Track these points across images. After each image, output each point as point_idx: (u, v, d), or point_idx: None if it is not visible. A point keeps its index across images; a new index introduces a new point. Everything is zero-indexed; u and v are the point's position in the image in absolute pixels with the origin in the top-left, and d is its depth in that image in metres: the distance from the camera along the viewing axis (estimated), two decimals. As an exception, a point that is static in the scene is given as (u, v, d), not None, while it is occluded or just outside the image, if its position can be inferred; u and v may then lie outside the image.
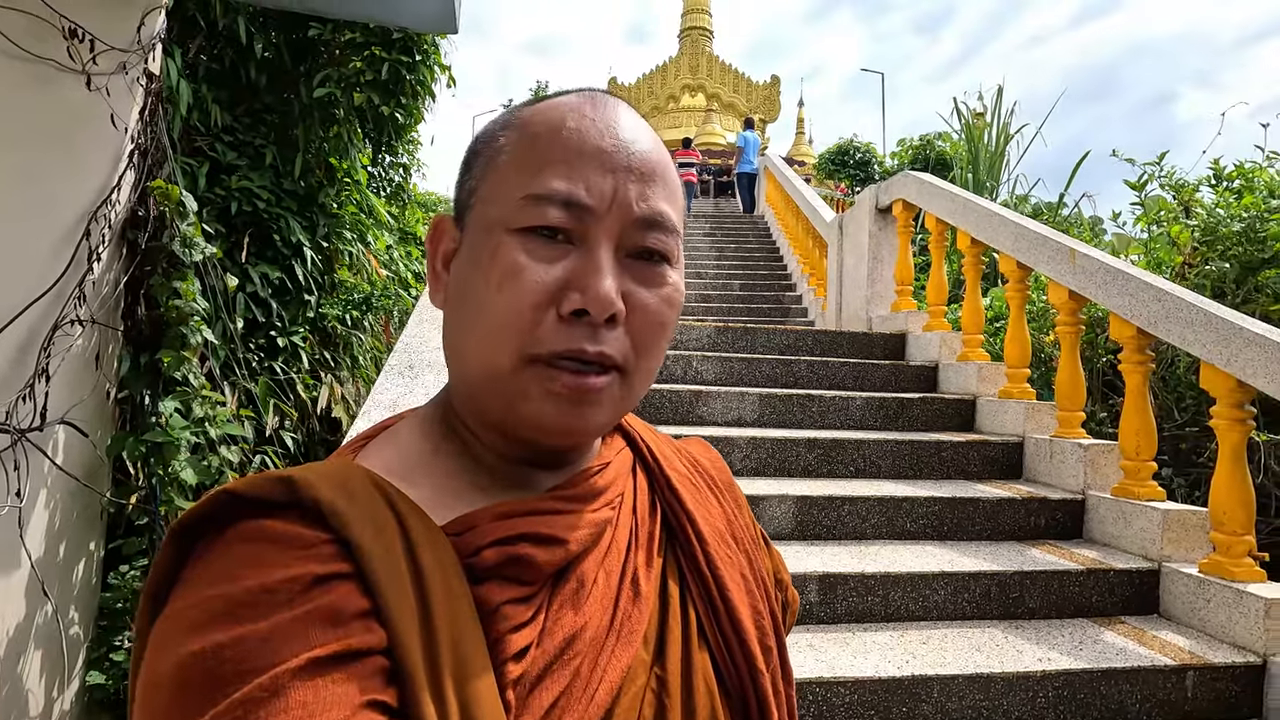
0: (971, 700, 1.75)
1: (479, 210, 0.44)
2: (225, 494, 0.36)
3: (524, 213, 0.42)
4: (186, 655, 0.31)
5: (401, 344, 1.54)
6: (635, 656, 0.43)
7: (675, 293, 0.45)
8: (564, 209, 0.41)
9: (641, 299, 0.43)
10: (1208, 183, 3.79)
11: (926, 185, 3.80)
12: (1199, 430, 3.12)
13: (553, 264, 0.41)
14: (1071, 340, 2.79)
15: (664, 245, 0.44)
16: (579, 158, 0.42)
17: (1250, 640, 1.91)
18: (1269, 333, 1.98)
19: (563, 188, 0.41)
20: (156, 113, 2.42)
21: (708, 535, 0.52)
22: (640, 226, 0.43)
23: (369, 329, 4.54)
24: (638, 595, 0.46)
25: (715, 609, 0.49)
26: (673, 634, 0.46)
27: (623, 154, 0.43)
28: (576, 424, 0.42)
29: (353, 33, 3.94)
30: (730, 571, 0.51)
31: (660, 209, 0.44)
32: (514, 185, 0.43)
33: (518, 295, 0.41)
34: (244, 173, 3.60)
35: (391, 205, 5.72)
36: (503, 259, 0.41)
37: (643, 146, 0.44)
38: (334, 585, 0.34)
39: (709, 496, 0.55)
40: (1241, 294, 3.21)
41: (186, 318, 2.33)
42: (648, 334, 0.44)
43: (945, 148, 9.09)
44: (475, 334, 0.43)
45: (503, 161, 0.44)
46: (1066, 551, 2.34)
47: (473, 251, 0.44)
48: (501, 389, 0.42)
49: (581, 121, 0.43)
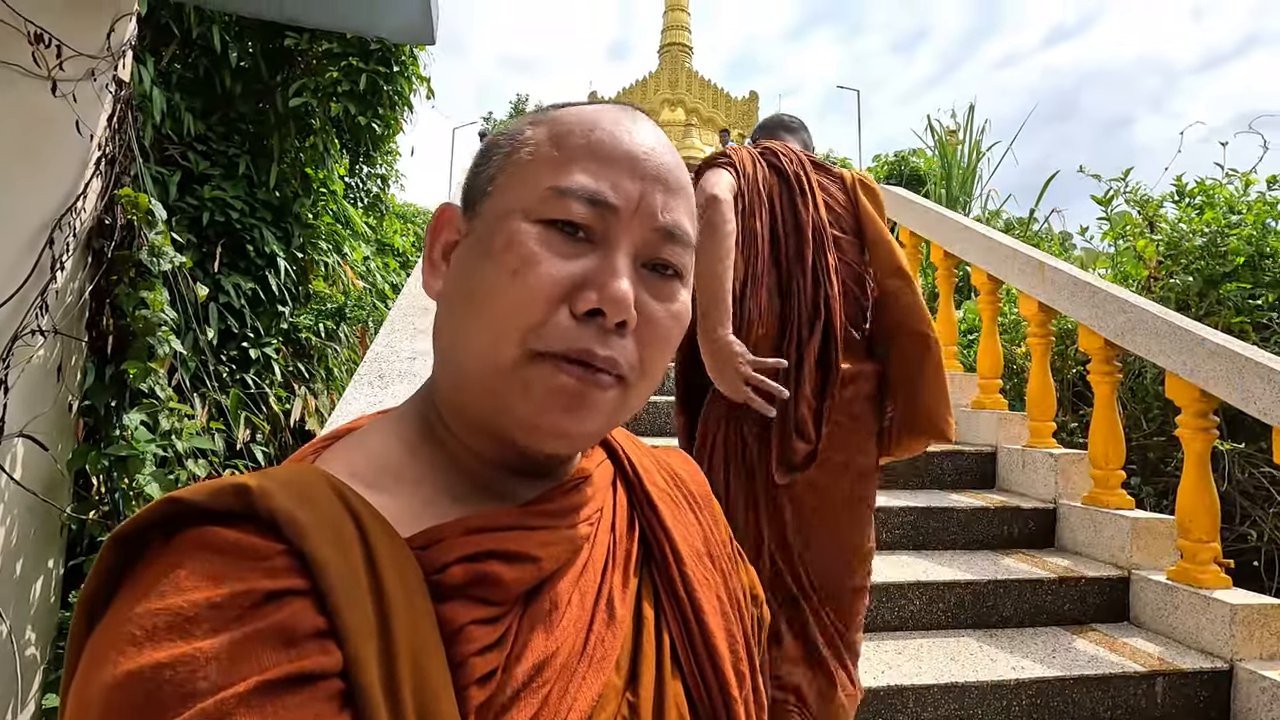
0: (947, 709, 1.75)
1: (496, 199, 0.43)
2: (173, 501, 0.34)
3: (548, 204, 0.41)
4: (123, 674, 0.28)
5: (372, 354, 1.52)
6: (607, 682, 0.41)
7: (684, 310, 0.45)
8: (589, 205, 0.41)
9: (652, 310, 0.42)
10: (1171, 199, 3.90)
11: (900, 199, 3.86)
12: (1166, 439, 3.18)
13: (570, 260, 0.40)
14: (1042, 351, 2.84)
15: (680, 260, 0.44)
16: (610, 158, 0.42)
17: (1217, 646, 1.94)
18: (1229, 344, 2.04)
19: (590, 184, 0.41)
20: (126, 120, 2.38)
21: (685, 555, 0.50)
22: (661, 236, 0.42)
23: (344, 340, 4.49)
24: (612, 618, 0.44)
25: (690, 633, 0.47)
26: (646, 658, 0.44)
27: (653, 163, 0.43)
28: (572, 428, 0.40)
29: (330, 43, 3.93)
30: (706, 594, 0.49)
31: (682, 222, 0.44)
32: (540, 177, 0.42)
33: (532, 285, 0.39)
34: (217, 182, 3.55)
35: (369, 216, 5.68)
36: (520, 247, 0.40)
37: (671, 161, 0.44)
38: (288, 602, 0.31)
39: (688, 513, 0.53)
40: (1205, 306, 3.29)
41: (154, 328, 2.28)
42: (654, 347, 0.42)
43: (920, 164, 9.26)
44: (478, 323, 0.41)
45: (527, 154, 0.43)
46: (1039, 560, 2.37)
47: (484, 240, 0.42)
48: (499, 384, 0.40)
49: (616, 127, 0.43)
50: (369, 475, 0.42)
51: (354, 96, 4.03)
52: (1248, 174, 3.74)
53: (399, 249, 7.55)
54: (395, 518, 0.39)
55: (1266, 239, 3.26)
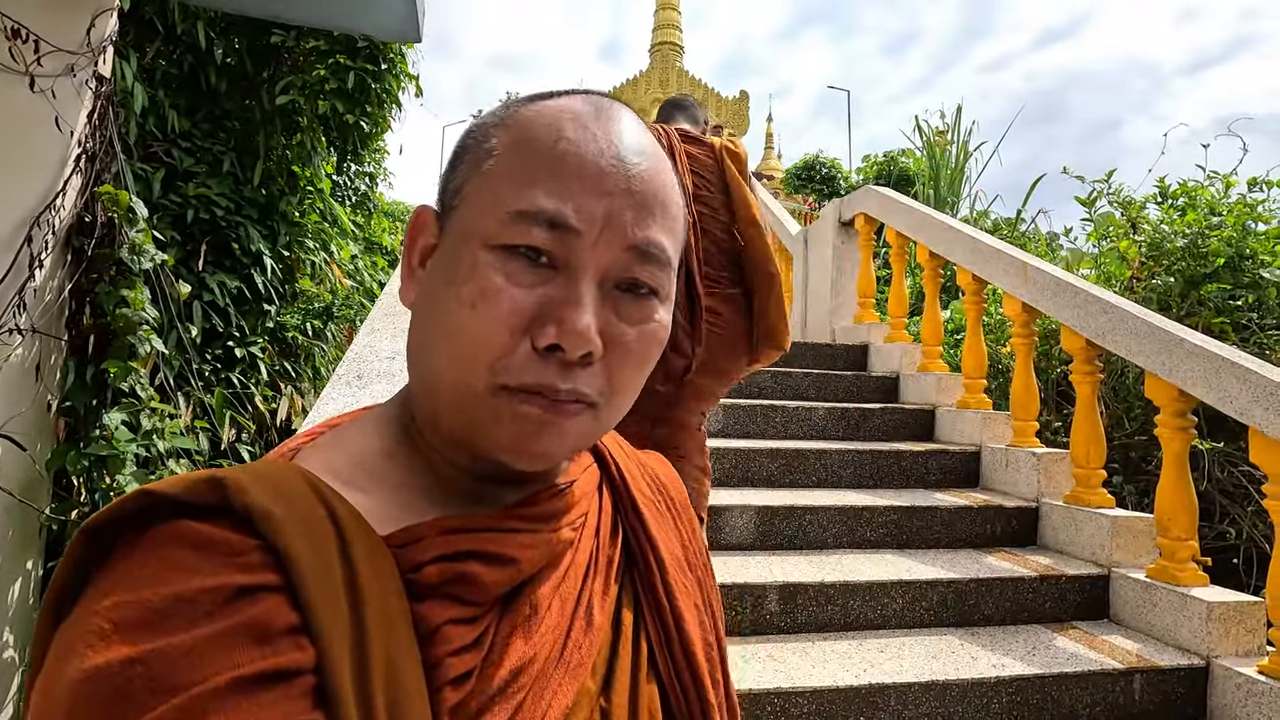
0: (928, 707, 1.76)
1: (460, 214, 0.42)
2: (146, 494, 0.33)
3: (507, 230, 0.39)
4: (92, 669, 0.28)
5: (351, 353, 1.51)
6: (581, 688, 0.41)
7: (661, 329, 0.42)
8: (549, 229, 0.38)
9: (622, 335, 0.40)
10: (1153, 200, 3.94)
11: (887, 200, 3.88)
12: (1147, 439, 3.22)
13: (531, 289, 0.38)
14: (1026, 351, 2.86)
15: (655, 280, 0.41)
16: (573, 175, 0.39)
17: (1194, 643, 1.97)
18: (1206, 344, 2.06)
19: (550, 206, 0.38)
20: (107, 116, 2.35)
21: (668, 563, 0.50)
22: (631, 256, 0.40)
23: (332, 339, 4.47)
24: (590, 625, 0.43)
25: (670, 640, 0.47)
26: (622, 663, 0.44)
27: (622, 175, 0.40)
28: (544, 449, 0.40)
29: (316, 40, 3.90)
30: (686, 602, 0.49)
31: (656, 239, 0.41)
32: (499, 196, 0.39)
33: (492, 319, 0.38)
34: (202, 179, 3.52)
35: (357, 214, 5.64)
36: (479, 278, 0.39)
37: (646, 168, 0.41)
38: (261, 597, 0.31)
39: (668, 519, 0.53)
40: (1186, 307, 3.33)
41: (135, 327, 2.26)
42: (625, 371, 0.41)
43: (908, 164, 9.32)
44: (446, 351, 0.40)
45: (490, 167, 0.41)
46: (1021, 558, 2.39)
47: (449, 262, 0.41)
48: (470, 412, 0.40)
49: (581, 133, 0.40)
50: (347, 473, 0.42)
51: (341, 94, 4.01)
52: (1228, 176, 3.79)
53: (387, 247, 7.52)
54: (372, 516, 0.39)
55: (1246, 241, 3.30)
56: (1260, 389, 1.87)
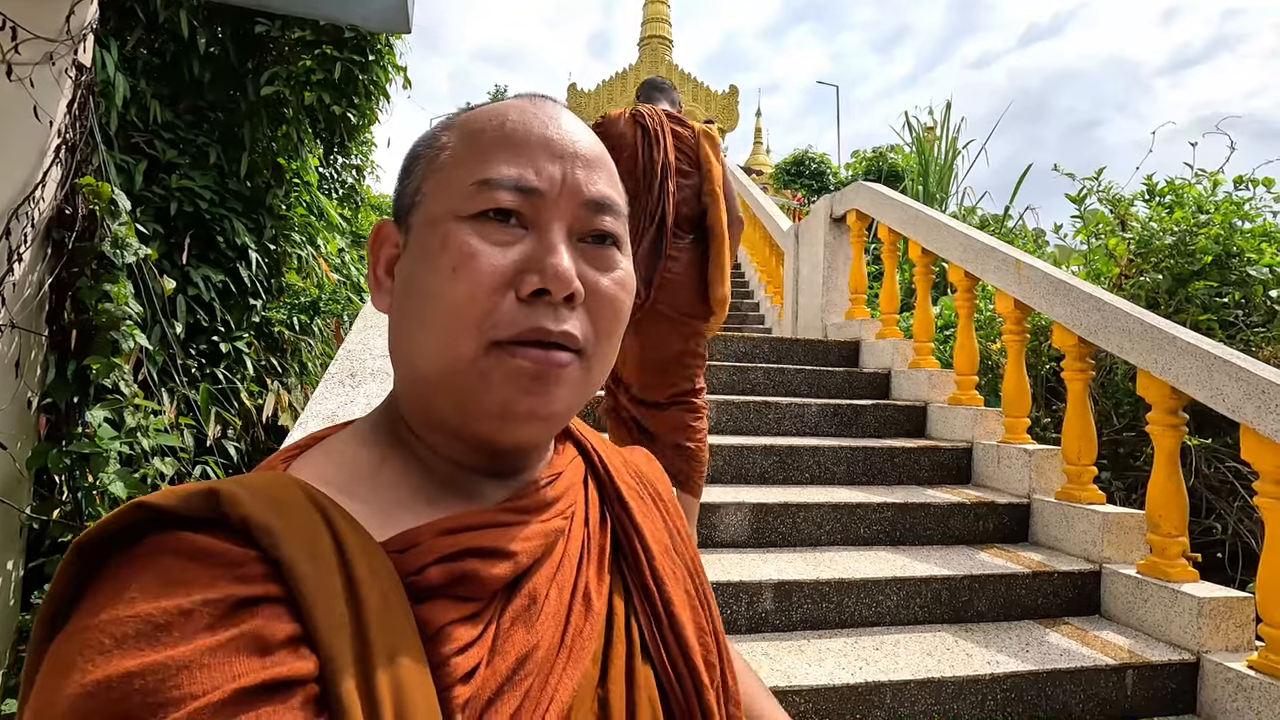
0: (923, 705, 1.76)
1: (425, 206, 0.44)
2: (140, 506, 0.33)
3: (474, 199, 0.41)
4: (91, 683, 0.27)
5: (344, 351, 1.48)
6: (585, 674, 0.42)
7: (627, 277, 0.46)
8: (515, 193, 0.41)
9: (596, 281, 0.43)
10: (1142, 198, 3.97)
11: (880, 196, 3.88)
12: (1135, 435, 3.25)
13: (507, 248, 0.41)
14: (1017, 348, 2.87)
15: (614, 228, 0.45)
16: (526, 145, 0.43)
17: (1185, 639, 1.98)
18: (1199, 342, 2.07)
19: (512, 172, 0.42)
20: (87, 106, 2.29)
21: (655, 550, 0.51)
22: (591, 209, 0.44)
23: (318, 334, 4.41)
24: (589, 611, 0.44)
25: (660, 625, 0.48)
26: (616, 651, 0.45)
27: (568, 141, 0.44)
28: (539, 407, 0.41)
29: (302, 30, 3.84)
30: (675, 588, 0.50)
31: (607, 193, 0.45)
32: (462, 175, 0.42)
33: (474, 280, 0.40)
34: (185, 171, 3.46)
35: (344, 208, 5.57)
36: (455, 245, 0.41)
37: (585, 138, 0.46)
38: (261, 608, 0.31)
39: (654, 510, 0.55)
40: (1173, 304, 3.36)
41: (117, 322, 2.21)
42: (605, 317, 0.44)
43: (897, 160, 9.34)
44: (430, 326, 0.41)
45: (446, 158, 0.44)
46: (1013, 555, 2.40)
47: (421, 247, 0.43)
48: (461, 380, 0.41)
49: (524, 115, 0.44)
50: (341, 482, 0.42)
51: (328, 85, 3.94)
52: (1215, 174, 3.82)
53: (375, 241, 7.44)
54: (369, 523, 0.39)
55: (1233, 238, 3.33)
56: (1252, 387, 1.88)
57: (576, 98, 24.97)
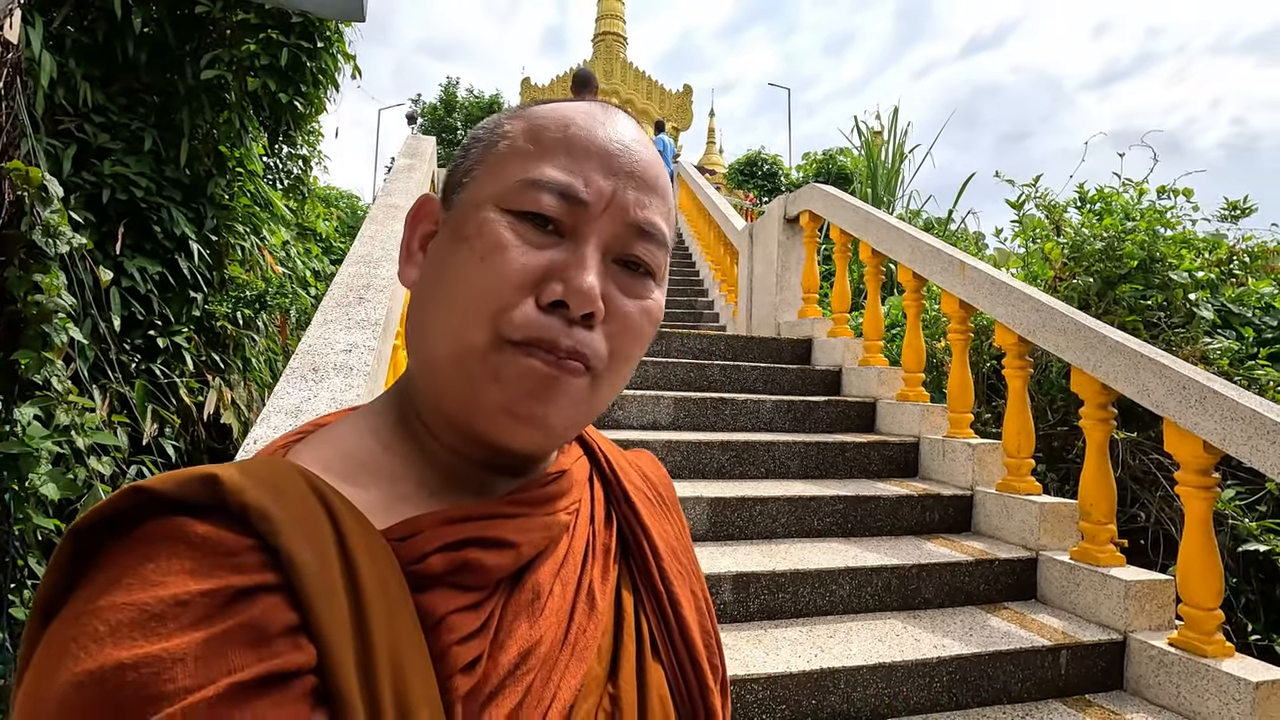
0: (875, 689, 1.83)
1: (472, 189, 0.43)
2: (138, 491, 0.32)
3: (519, 195, 0.41)
4: (84, 673, 0.27)
5: (304, 346, 1.45)
6: (588, 672, 0.42)
7: (656, 308, 0.45)
8: (559, 199, 0.41)
9: (621, 305, 0.42)
10: (1074, 204, 4.18)
11: (832, 198, 3.98)
12: (1068, 429, 3.43)
13: (540, 250, 0.40)
14: (962, 346, 2.99)
15: (653, 258, 0.44)
16: (583, 154, 0.42)
17: (1113, 619, 2.11)
18: (1128, 341, 2.20)
19: (561, 178, 0.41)
20: (14, 86, 2.17)
21: (662, 550, 0.51)
22: (633, 233, 0.43)
23: (263, 329, 4.26)
24: (593, 608, 0.44)
25: (668, 624, 0.48)
26: (626, 649, 0.45)
27: (627, 159, 0.43)
28: (545, 414, 0.40)
29: (246, 13, 3.69)
30: (682, 588, 0.51)
31: (655, 220, 0.44)
32: (513, 169, 0.42)
33: (500, 271, 0.40)
34: (119, 157, 3.29)
35: (290, 199, 5.39)
36: (490, 234, 0.41)
37: (647, 158, 0.44)
38: (259, 598, 0.31)
39: (660, 511, 0.55)
40: (1103, 305, 3.56)
41: (49, 315, 2.10)
42: (623, 342, 0.43)
43: (846, 163, 9.58)
44: (450, 308, 0.41)
45: (504, 147, 0.43)
46: (957, 544, 2.51)
47: (459, 227, 0.43)
48: (470, 370, 0.40)
49: (590, 123, 0.44)
50: (342, 469, 0.42)
51: (273, 71, 3.81)
52: (1141, 183, 4.06)
53: (321, 234, 7.21)
54: (370, 511, 0.39)
55: (1157, 244, 3.55)
56: (1174, 384, 2.01)
57: (530, 91, 24.71)
